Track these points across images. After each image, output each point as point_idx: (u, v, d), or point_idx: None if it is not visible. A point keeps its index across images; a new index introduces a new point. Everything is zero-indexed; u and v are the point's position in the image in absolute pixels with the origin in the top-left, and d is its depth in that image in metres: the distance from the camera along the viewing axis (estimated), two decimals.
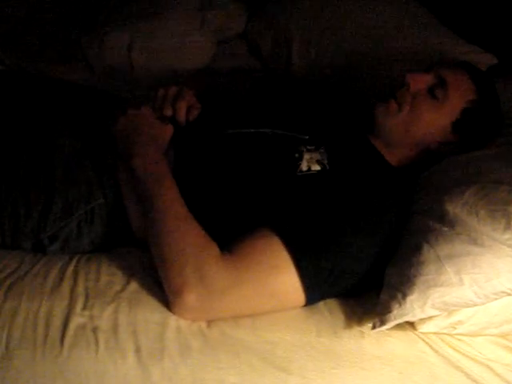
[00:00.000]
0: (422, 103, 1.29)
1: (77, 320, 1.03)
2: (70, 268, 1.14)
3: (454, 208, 1.08)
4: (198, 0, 1.82)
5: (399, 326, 1.07)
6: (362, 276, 1.13)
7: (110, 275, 1.13)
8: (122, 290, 1.09)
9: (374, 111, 1.32)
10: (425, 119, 1.29)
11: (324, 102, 1.50)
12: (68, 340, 1.00)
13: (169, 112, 1.25)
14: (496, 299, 1.02)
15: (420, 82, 1.30)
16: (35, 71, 1.59)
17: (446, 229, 1.06)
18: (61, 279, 1.11)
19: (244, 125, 1.31)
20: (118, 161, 1.23)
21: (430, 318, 1.05)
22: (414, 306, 1.02)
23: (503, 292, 1.01)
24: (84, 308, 1.05)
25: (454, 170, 1.19)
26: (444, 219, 1.07)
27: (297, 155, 1.24)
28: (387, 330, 1.06)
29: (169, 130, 1.25)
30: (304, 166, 1.22)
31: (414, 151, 1.33)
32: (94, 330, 1.02)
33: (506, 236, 1.01)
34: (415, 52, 1.58)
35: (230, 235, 1.11)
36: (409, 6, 1.73)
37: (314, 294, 1.10)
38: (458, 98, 1.29)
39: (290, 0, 1.82)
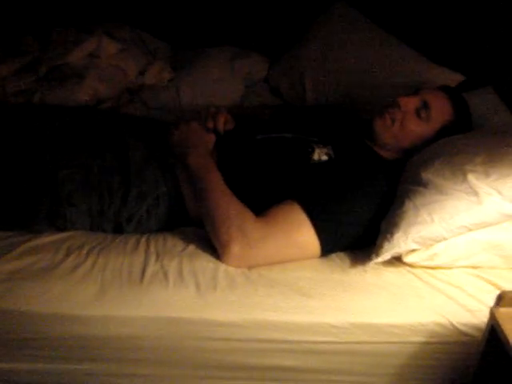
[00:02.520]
0: (409, 121, 1.73)
1: (151, 268, 1.45)
2: (143, 239, 1.57)
3: (426, 174, 1.51)
4: (229, 53, 2.34)
5: (391, 263, 1.50)
6: (363, 232, 1.55)
7: (173, 242, 1.56)
8: (183, 250, 1.52)
9: (373, 122, 1.76)
10: (411, 133, 1.74)
11: (329, 116, 1.95)
12: (146, 280, 1.42)
13: (210, 124, 1.73)
14: (460, 233, 1.43)
15: (408, 104, 1.74)
16: None
17: (421, 188, 1.49)
18: (137, 245, 1.55)
19: (269, 131, 1.78)
20: (176, 161, 1.68)
21: (413, 251, 1.46)
22: (399, 241, 1.43)
23: (464, 226, 1.42)
24: (156, 260, 1.48)
25: (426, 150, 1.62)
26: (420, 183, 1.50)
27: (310, 150, 1.69)
28: (383, 265, 1.48)
29: (211, 137, 1.73)
30: (315, 157, 1.67)
31: (402, 152, 1.76)
32: (165, 273, 1.44)
33: (464, 186, 1.43)
34: (398, 78, 2.07)
35: (262, 209, 1.54)
36: (390, 44, 2.25)
37: (327, 246, 1.52)
38: (439, 118, 1.74)
39: (301, 51, 2.33)
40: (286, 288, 1.43)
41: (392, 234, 1.44)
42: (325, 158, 1.68)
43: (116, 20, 2.40)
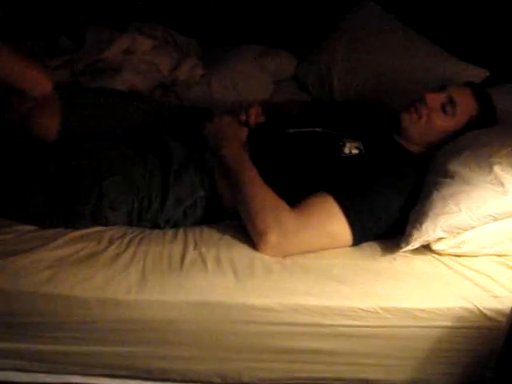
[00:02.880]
0: (435, 117, 1.80)
1: (190, 256, 1.54)
2: (180, 230, 1.66)
3: (453, 166, 1.59)
4: (257, 50, 2.42)
5: (419, 251, 1.58)
6: (392, 222, 1.63)
7: (209, 232, 1.65)
8: (220, 239, 1.61)
9: (400, 117, 1.83)
10: (437, 129, 1.81)
11: (357, 111, 2.03)
12: (185, 266, 1.51)
13: (243, 117, 1.83)
14: (487, 222, 1.51)
15: (435, 100, 1.81)
16: None
17: (448, 179, 1.57)
18: (175, 236, 1.64)
19: (300, 126, 1.86)
20: (214, 163, 1.75)
21: (441, 239, 1.54)
22: (428, 230, 1.51)
23: (490, 215, 1.50)
24: (194, 249, 1.56)
25: (452, 144, 1.69)
26: (447, 174, 1.58)
27: (341, 143, 1.77)
28: (411, 253, 1.56)
29: (244, 130, 1.82)
30: (346, 150, 1.75)
31: (428, 146, 1.83)
32: (203, 260, 1.52)
33: (490, 177, 1.51)
34: (424, 74, 2.14)
35: (294, 200, 1.62)
36: (416, 41, 2.32)
37: (358, 236, 1.60)
38: (464, 114, 1.81)
39: (329, 49, 2.42)
40: (320, 274, 1.51)
41: (421, 223, 1.51)
42: (355, 151, 1.76)
43: (146, 19, 2.49)
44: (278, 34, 2.57)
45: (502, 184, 1.49)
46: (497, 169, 1.51)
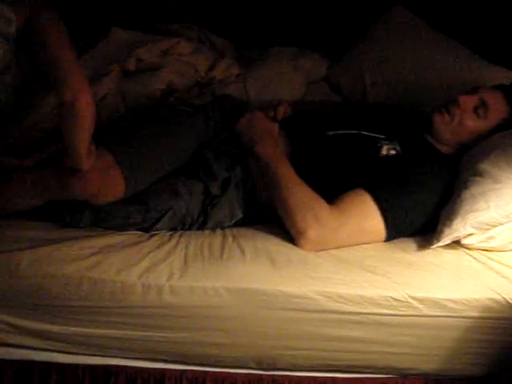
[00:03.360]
0: (467, 118, 1.88)
1: (229, 246, 1.64)
2: (218, 229, 1.76)
3: (482, 165, 1.68)
4: (291, 52, 2.52)
5: (450, 246, 1.66)
6: (425, 221, 1.72)
7: (247, 228, 1.75)
8: (257, 233, 1.71)
9: (432, 118, 1.91)
10: (468, 130, 1.88)
11: (390, 113, 2.11)
12: (225, 255, 1.61)
13: (271, 113, 1.94)
14: None
15: (468, 102, 1.88)
16: None
17: (477, 178, 1.65)
18: (214, 231, 1.75)
19: (338, 128, 1.94)
20: (256, 183, 1.83)
21: (470, 234, 1.62)
22: (458, 227, 1.60)
23: None
24: (233, 241, 1.66)
25: (482, 144, 1.78)
26: (476, 173, 1.67)
27: (379, 145, 1.86)
28: (441, 247, 1.64)
29: (275, 126, 1.91)
30: (384, 151, 1.84)
31: (459, 147, 1.91)
32: (242, 250, 1.62)
33: None
34: (455, 77, 2.23)
35: (332, 198, 1.71)
36: (446, 45, 2.40)
37: (392, 233, 1.69)
38: (495, 116, 1.88)
39: (361, 52, 2.51)
40: (353, 265, 1.60)
41: (451, 220, 1.60)
42: (393, 152, 1.84)
43: (178, 21, 2.59)
44: (311, 37, 2.66)
45: None
46: None
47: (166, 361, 1.68)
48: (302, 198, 1.67)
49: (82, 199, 1.66)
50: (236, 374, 1.70)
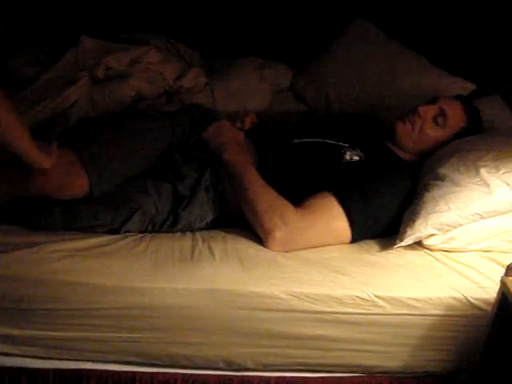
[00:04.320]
0: (427, 128, 1.98)
1: (199, 248, 1.68)
2: (189, 232, 1.80)
3: (442, 169, 1.76)
4: (257, 62, 2.60)
5: (412, 246, 1.74)
6: (388, 223, 1.80)
7: (216, 231, 1.80)
8: (226, 235, 1.76)
9: (395, 127, 2.01)
10: (428, 139, 1.99)
11: (353, 122, 2.20)
12: (195, 257, 1.65)
13: (237, 125, 2.02)
14: (474, 220, 1.68)
15: (427, 111, 1.99)
16: None
17: (438, 182, 1.74)
18: (184, 233, 1.79)
19: (303, 136, 2.02)
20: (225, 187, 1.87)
21: (432, 235, 1.70)
22: (420, 227, 1.67)
23: (477, 214, 1.67)
24: (203, 243, 1.71)
25: (442, 149, 1.87)
26: (437, 177, 1.75)
27: (342, 151, 1.94)
28: (404, 248, 1.72)
29: (241, 134, 1.99)
30: (347, 157, 1.92)
31: (419, 154, 2.00)
32: (212, 252, 1.67)
33: (476, 179, 1.69)
34: (415, 88, 2.33)
35: (298, 202, 1.77)
36: (407, 56, 2.51)
37: (357, 234, 1.77)
38: (454, 125, 1.99)
39: (325, 63, 2.60)
40: (320, 266, 1.66)
41: (414, 221, 1.68)
42: (356, 158, 1.92)
43: (148, 31, 2.64)
44: (275, 48, 2.75)
45: (487, 185, 1.66)
46: (483, 171, 1.69)
47: (136, 363, 1.72)
48: (268, 201, 1.73)
49: (44, 194, 1.73)
50: (207, 375, 1.74)
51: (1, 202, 1.75)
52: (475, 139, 1.87)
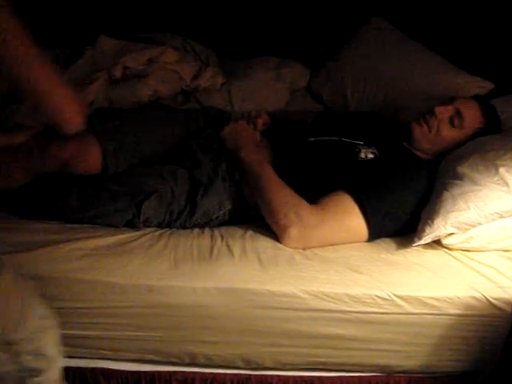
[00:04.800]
0: (444, 129, 1.97)
1: (218, 246, 1.70)
2: (207, 229, 1.82)
3: (461, 168, 1.76)
4: (274, 62, 2.61)
5: (431, 245, 1.74)
6: (406, 221, 1.80)
7: (234, 228, 1.81)
8: (245, 233, 1.77)
9: (411, 128, 2.00)
10: (445, 140, 1.98)
11: (369, 121, 2.20)
12: (214, 255, 1.67)
13: (251, 125, 2.02)
14: (493, 219, 1.68)
15: (444, 113, 1.98)
16: None
17: (457, 181, 1.74)
18: (202, 231, 1.80)
19: (319, 135, 2.02)
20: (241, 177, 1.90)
21: (451, 234, 1.70)
22: (439, 226, 1.68)
23: (496, 213, 1.66)
24: (221, 241, 1.72)
25: (461, 149, 1.87)
26: (456, 176, 1.75)
27: (357, 150, 1.94)
28: (423, 247, 1.72)
29: (257, 134, 2.00)
30: (362, 155, 1.92)
31: (436, 154, 1.99)
32: (230, 250, 1.68)
33: (496, 178, 1.69)
34: (432, 87, 2.32)
35: (314, 200, 1.78)
36: (424, 55, 2.50)
37: (374, 232, 1.77)
38: (470, 126, 1.97)
39: (342, 62, 2.60)
40: (339, 265, 1.67)
41: (433, 220, 1.68)
42: (371, 156, 1.92)
43: (164, 30, 2.66)
44: (292, 47, 2.76)
45: (507, 184, 1.67)
46: (502, 170, 1.69)
47: (155, 362, 1.72)
48: (283, 198, 1.74)
49: (59, 167, 1.82)
50: (225, 374, 1.75)
51: (22, 182, 1.81)
52: (494, 139, 1.87)
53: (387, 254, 1.73)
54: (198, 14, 2.76)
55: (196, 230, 1.80)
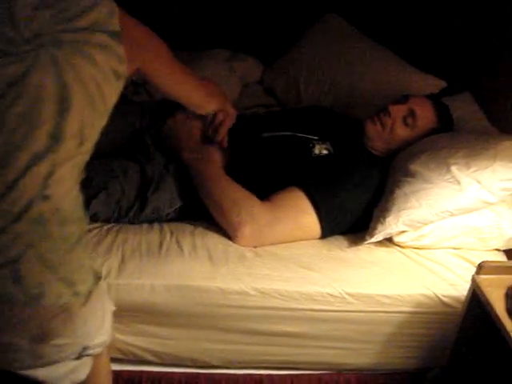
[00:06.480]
0: (397, 128, 1.96)
1: (167, 243, 1.67)
2: (156, 224, 1.77)
3: (414, 166, 1.76)
4: (226, 55, 2.57)
5: (382, 243, 1.74)
6: (358, 218, 1.79)
7: (183, 224, 1.77)
8: (195, 229, 1.74)
9: (365, 126, 1.98)
10: (398, 139, 1.97)
11: (322, 116, 2.18)
12: (163, 252, 1.64)
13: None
14: (444, 217, 1.69)
15: (397, 111, 1.97)
16: None
17: (409, 178, 1.74)
18: (151, 226, 1.76)
19: (273, 130, 1.99)
20: None
21: (402, 232, 1.70)
22: (390, 224, 1.67)
23: (448, 211, 1.67)
24: (171, 237, 1.69)
25: (413, 146, 1.87)
26: (407, 174, 1.75)
27: (311, 145, 1.92)
28: (374, 245, 1.73)
29: (196, 126, 1.86)
30: (316, 151, 1.90)
31: (388, 152, 1.98)
32: (180, 247, 1.65)
33: (447, 176, 1.69)
34: (385, 83, 2.34)
35: (267, 195, 1.76)
36: (378, 52, 2.49)
37: (327, 229, 1.76)
38: (423, 125, 1.97)
39: (295, 56, 2.57)
40: (290, 262, 1.66)
41: (384, 217, 1.68)
42: (325, 152, 1.91)
43: None
44: (246, 41, 2.72)
45: (458, 182, 1.67)
46: (454, 169, 1.69)
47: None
48: (234, 196, 1.70)
49: None
50: (173, 372, 1.73)
51: None
52: (446, 137, 1.87)
53: (339, 251, 1.72)
54: (149, 3, 2.70)
55: (145, 226, 1.76)
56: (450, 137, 1.87)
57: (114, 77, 1.15)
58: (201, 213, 1.81)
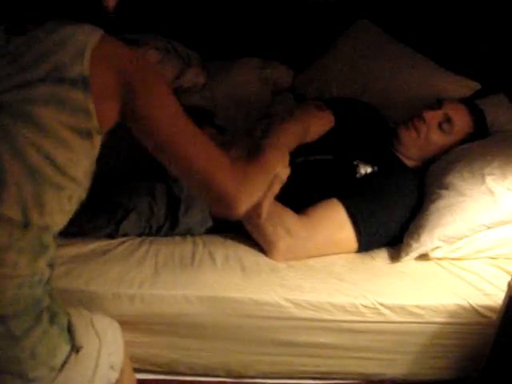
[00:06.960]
0: (432, 134, 1.95)
1: (200, 253, 1.68)
2: (188, 235, 1.79)
3: (448, 177, 1.76)
4: (256, 62, 2.58)
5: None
6: (396, 233, 1.78)
7: (216, 236, 1.79)
8: (226, 240, 1.76)
9: (399, 133, 1.97)
10: (434, 145, 1.96)
11: (360, 128, 2.10)
12: (196, 262, 1.65)
13: None
14: (480, 231, 1.68)
15: (432, 117, 1.96)
16: None
17: (443, 191, 1.73)
18: (184, 238, 1.78)
19: (312, 152, 1.92)
20: None
21: (438, 247, 1.69)
22: (425, 241, 1.68)
23: (483, 225, 1.67)
24: (203, 248, 1.70)
25: (446, 156, 1.86)
26: (442, 186, 1.75)
27: (355, 163, 1.88)
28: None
29: None
30: (362, 170, 1.86)
31: (423, 161, 1.98)
32: (213, 258, 1.66)
33: (483, 188, 1.67)
34: (418, 87, 2.32)
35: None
36: (410, 56, 2.48)
37: (365, 245, 1.75)
38: (460, 131, 1.96)
39: (328, 62, 2.59)
40: (322, 272, 1.66)
41: (419, 234, 1.68)
42: (369, 170, 1.87)
43: (148, 31, 2.63)
44: (276, 48, 2.73)
45: (493, 194, 1.66)
46: (489, 180, 1.68)
47: (136, 369, 1.65)
48: (271, 211, 1.66)
49: None
50: (205, 382, 1.74)
51: None
52: (480, 145, 1.86)
53: (372, 261, 1.72)
54: (181, 14, 2.72)
55: (177, 237, 1.77)
56: (484, 145, 1.86)
57: (77, 136, 1.03)
58: (232, 227, 1.80)
